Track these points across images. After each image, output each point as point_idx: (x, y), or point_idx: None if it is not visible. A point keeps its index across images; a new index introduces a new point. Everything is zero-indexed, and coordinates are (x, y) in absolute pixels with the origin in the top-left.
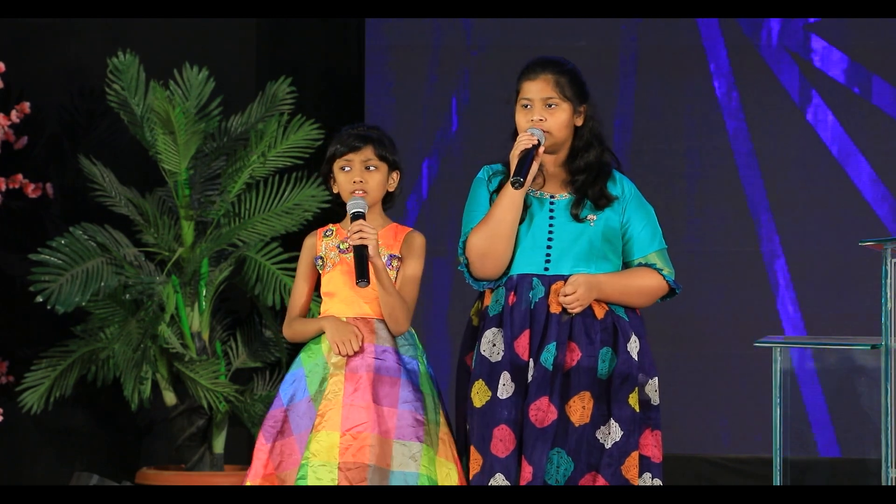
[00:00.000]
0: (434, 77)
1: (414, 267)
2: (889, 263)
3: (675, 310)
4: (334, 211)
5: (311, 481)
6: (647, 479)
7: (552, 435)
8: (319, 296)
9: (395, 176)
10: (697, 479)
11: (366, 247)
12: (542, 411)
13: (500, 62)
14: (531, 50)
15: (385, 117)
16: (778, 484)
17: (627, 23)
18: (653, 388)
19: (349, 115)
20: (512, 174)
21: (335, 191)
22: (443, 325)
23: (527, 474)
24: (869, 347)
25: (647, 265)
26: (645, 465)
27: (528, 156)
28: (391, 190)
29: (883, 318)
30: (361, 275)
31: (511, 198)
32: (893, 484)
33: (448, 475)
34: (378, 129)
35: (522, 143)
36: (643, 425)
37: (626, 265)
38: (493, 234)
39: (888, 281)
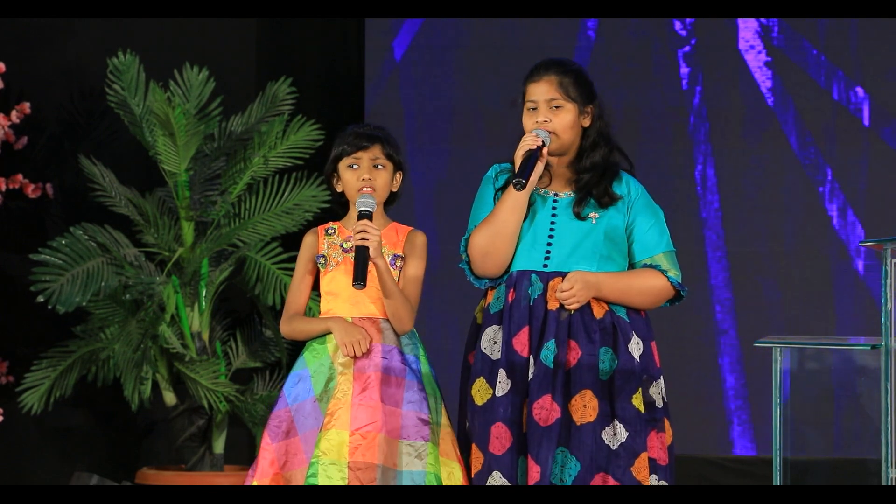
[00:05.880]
0: (433, 77)
1: (416, 266)
2: (889, 263)
3: (675, 309)
4: (334, 211)
5: (321, 480)
6: (654, 482)
7: (556, 433)
8: (317, 293)
9: (399, 176)
10: (698, 480)
11: (366, 248)
12: (545, 409)
13: (500, 62)
14: (530, 50)
15: (385, 117)
16: (778, 484)
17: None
18: (657, 389)
19: (349, 115)
20: (515, 175)
21: (339, 189)
22: (452, 324)
23: (535, 474)
24: (869, 347)
25: (652, 266)
26: (651, 467)
27: (532, 157)
28: (394, 190)
29: (883, 318)
30: (358, 277)
31: (514, 198)
32: (893, 484)
33: (451, 474)
34: (383, 129)
35: (526, 143)
36: (648, 427)
37: (633, 266)
38: (496, 234)
39: (888, 281)
